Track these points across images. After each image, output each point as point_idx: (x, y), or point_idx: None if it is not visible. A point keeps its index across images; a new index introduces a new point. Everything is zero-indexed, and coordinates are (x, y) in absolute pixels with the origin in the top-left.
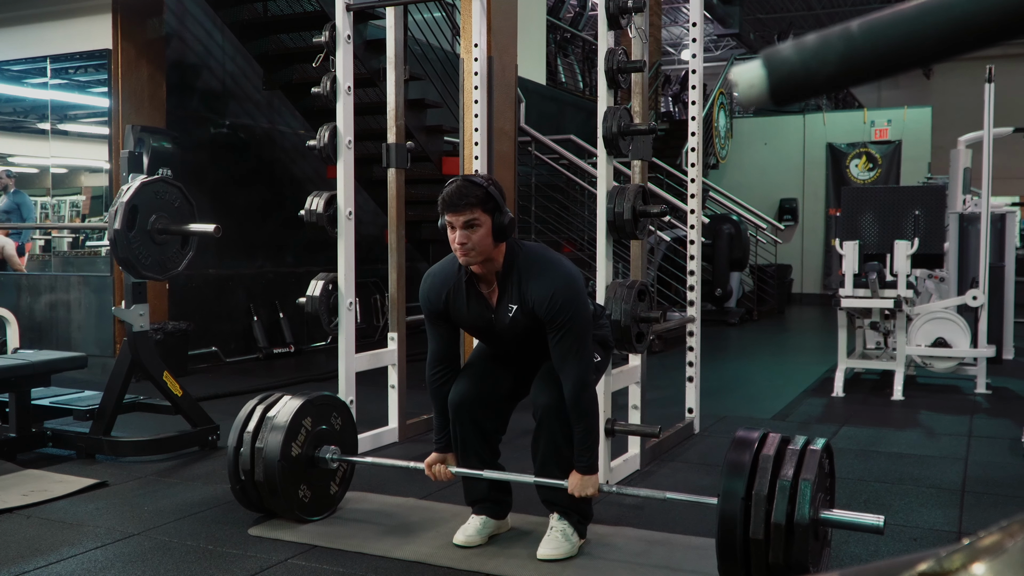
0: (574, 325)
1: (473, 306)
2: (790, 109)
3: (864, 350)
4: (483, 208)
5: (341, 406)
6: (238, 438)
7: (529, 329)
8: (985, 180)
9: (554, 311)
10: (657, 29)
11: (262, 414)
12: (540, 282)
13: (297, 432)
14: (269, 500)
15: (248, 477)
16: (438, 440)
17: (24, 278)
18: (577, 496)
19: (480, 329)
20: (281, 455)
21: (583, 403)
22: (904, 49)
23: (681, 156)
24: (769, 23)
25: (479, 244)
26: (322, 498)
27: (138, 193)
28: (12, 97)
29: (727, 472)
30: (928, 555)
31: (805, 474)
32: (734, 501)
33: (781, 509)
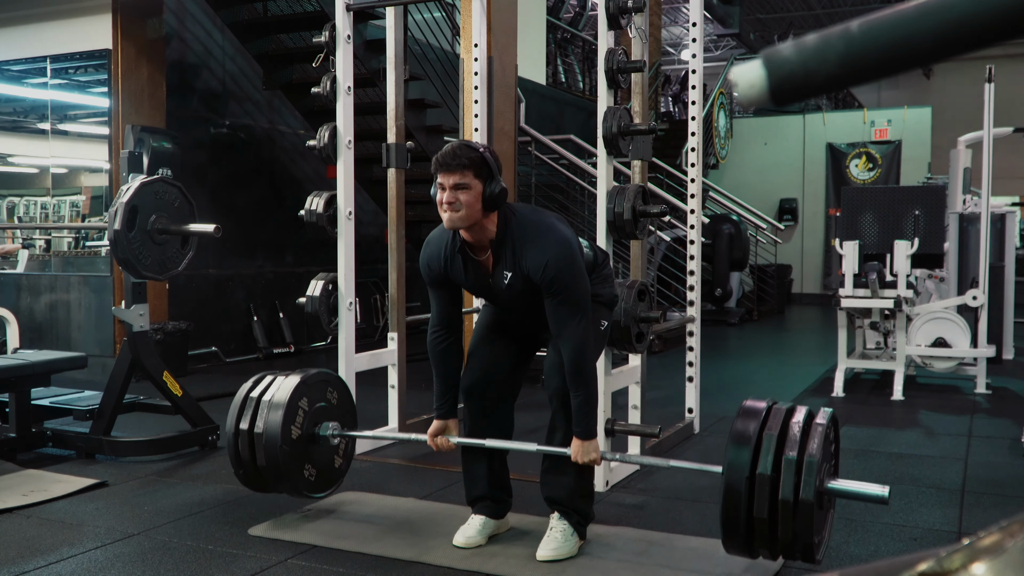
0: (569, 292)
1: (471, 273)
2: (790, 109)
3: (864, 350)
4: (475, 172)
5: (336, 380)
6: (235, 424)
7: (527, 292)
8: (985, 180)
9: (548, 279)
10: (657, 29)
11: (258, 398)
12: (533, 251)
13: (295, 414)
14: (275, 484)
15: (250, 462)
16: (439, 407)
17: (24, 278)
18: (581, 463)
19: (481, 291)
20: (282, 439)
21: (581, 370)
22: (904, 49)
23: (681, 156)
24: (769, 23)
25: (466, 207)
26: (328, 473)
27: (138, 193)
28: (12, 97)
29: (732, 443)
30: (928, 555)
31: (810, 448)
32: (739, 475)
33: (787, 487)
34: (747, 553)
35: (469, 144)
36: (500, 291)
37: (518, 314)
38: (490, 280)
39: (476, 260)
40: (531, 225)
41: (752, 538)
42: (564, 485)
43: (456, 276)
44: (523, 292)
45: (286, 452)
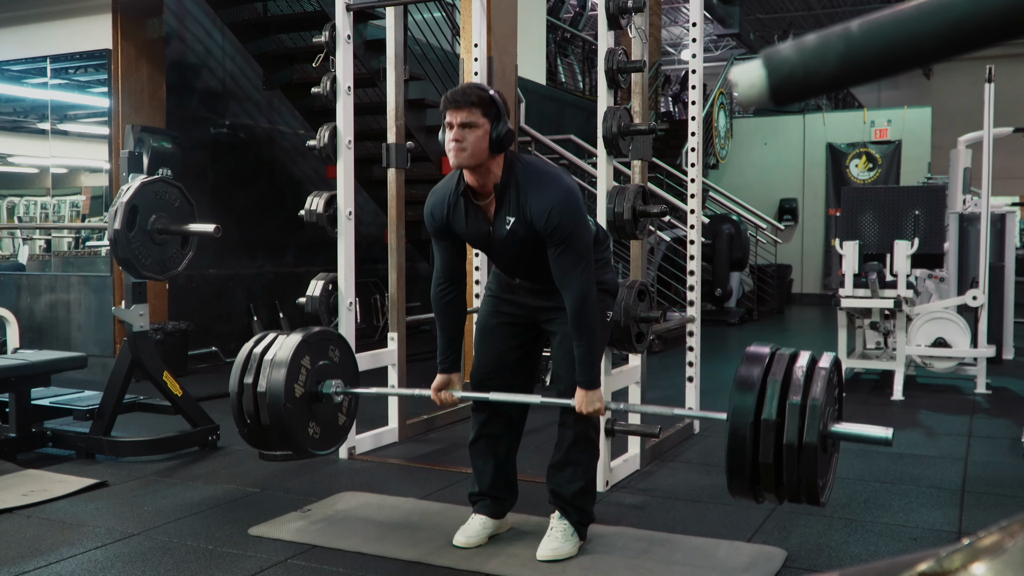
0: (573, 240)
1: (472, 220)
2: (790, 109)
3: (864, 350)
4: (484, 111)
5: (337, 339)
6: (239, 384)
7: (528, 242)
8: (985, 180)
9: (552, 226)
10: (657, 29)
11: (260, 356)
12: (538, 196)
13: (298, 372)
14: (279, 442)
15: (254, 421)
16: (442, 361)
17: (24, 278)
18: (585, 412)
19: (480, 243)
20: (285, 397)
21: (585, 317)
22: (904, 49)
23: (681, 156)
24: (769, 23)
25: (473, 146)
26: (331, 431)
27: (138, 193)
28: (12, 97)
29: (737, 389)
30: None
31: (814, 393)
32: (744, 421)
33: (792, 432)
34: (752, 497)
35: (479, 84)
36: (500, 240)
37: (517, 270)
38: (491, 228)
39: (478, 206)
40: (536, 172)
41: (757, 482)
42: (568, 481)
43: (457, 224)
44: (523, 242)
45: (290, 410)
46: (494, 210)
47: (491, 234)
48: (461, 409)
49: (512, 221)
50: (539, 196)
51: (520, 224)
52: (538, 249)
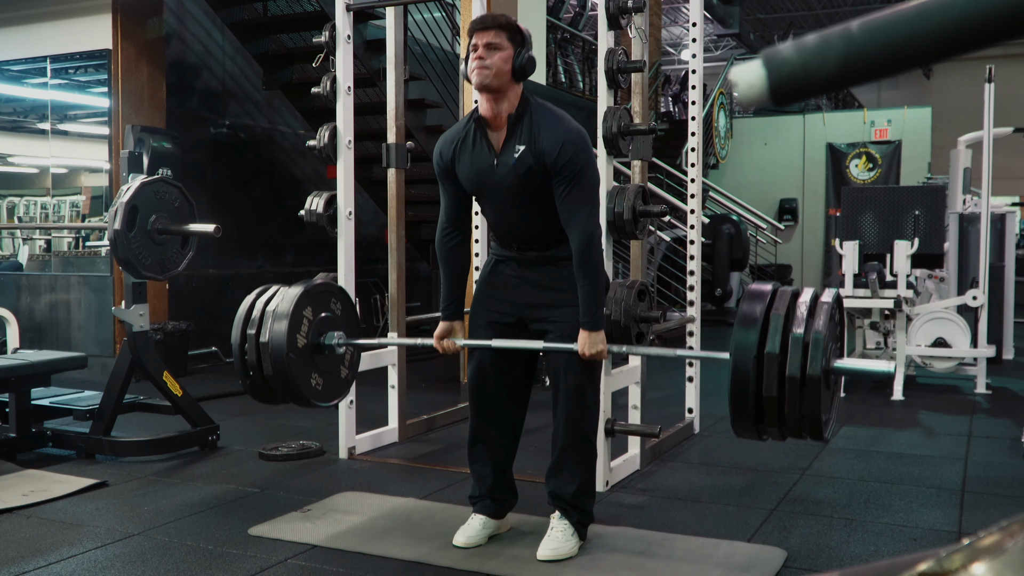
0: (583, 177)
1: (478, 152)
2: (790, 109)
3: (864, 350)
4: (509, 36)
5: (339, 291)
6: (241, 335)
7: (531, 178)
8: (985, 180)
9: (564, 160)
10: (657, 29)
11: (262, 308)
12: (551, 130)
13: (299, 323)
14: (282, 394)
15: (257, 372)
16: (445, 308)
17: (24, 278)
18: (587, 355)
19: (481, 177)
20: (288, 347)
21: (590, 257)
22: (904, 49)
23: (681, 156)
24: (769, 23)
25: (496, 67)
26: (334, 383)
27: (138, 193)
28: (12, 97)
29: (739, 326)
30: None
31: (817, 327)
32: (747, 357)
33: (794, 364)
34: (755, 434)
35: (507, 16)
36: (504, 174)
37: (512, 222)
38: (496, 161)
39: (487, 139)
40: (550, 110)
41: (761, 418)
42: (567, 482)
43: (462, 160)
44: (527, 176)
45: (292, 360)
46: (503, 141)
47: (494, 167)
48: (461, 409)
49: (521, 150)
50: (553, 129)
51: (529, 155)
52: (539, 194)
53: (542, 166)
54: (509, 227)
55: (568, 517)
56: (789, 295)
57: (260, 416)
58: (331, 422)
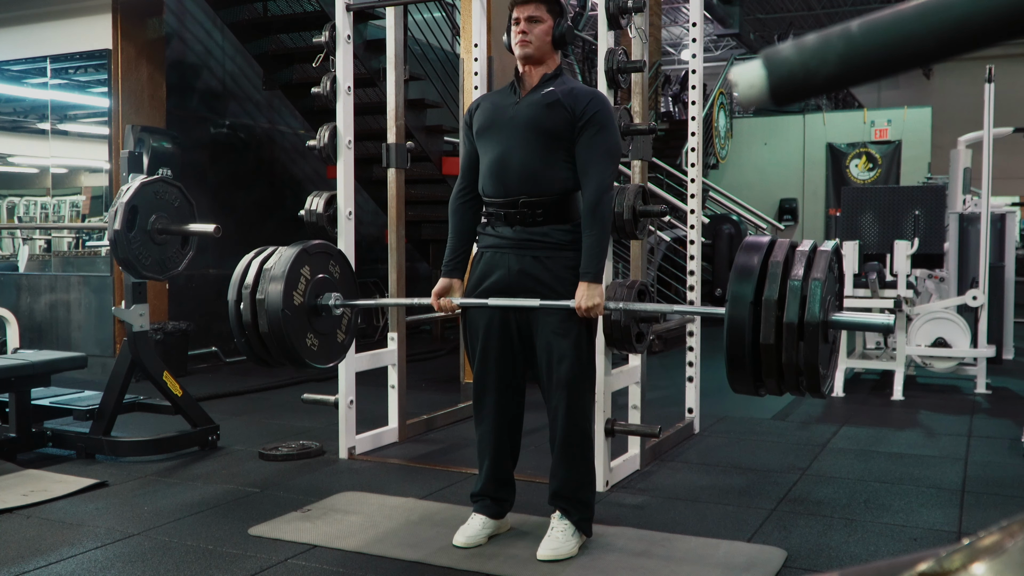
0: (608, 132)
1: (503, 96)
2: (790, 109)
3: (864, 350)
4: (548, 7)
5: (337, 254)
6: (237, 292)
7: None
8: (985, 180)
9: (594, 110)
10: (657, 29)
11: (259, 267)
12: (583, 90)
13: (297, 281)
14: (277, 352)
15: (252, 330)
16: (448, 262)
17: (24, 278)
18: (584, 308)
19: (496, 114)
20: (284, 304)
21: (600, 208)
22: (904, 49)
23: (681, 156)
24: (769, 23)
25: (538, 39)
26: (330, 345)
27: (138, 193)
28: (12, 97)
29: (735, 277)
30: (928, 555)
31: (815, 274)
32: (743, 306)
33: (792, 310)
34: (752, 388)
35: None
36: (522, 109)
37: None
38: (517, 101)
39: (517, 88)
40: (582, 82)
41: (758, 369)
42: (566, 475)
43: (483, 106)
44: (548, 109)
45: (288, 317)
46: (534, 87)
47: (516, 105)
48: (461, 409)
49: (548, 90)
50: (586, 90)
51: (558, 95)
52: (553, 130)
53: (570, 107)
54: (507, 167)
55: (568, 516)
56: (787, 245)
57: (260, 416)
58: (331, 422)
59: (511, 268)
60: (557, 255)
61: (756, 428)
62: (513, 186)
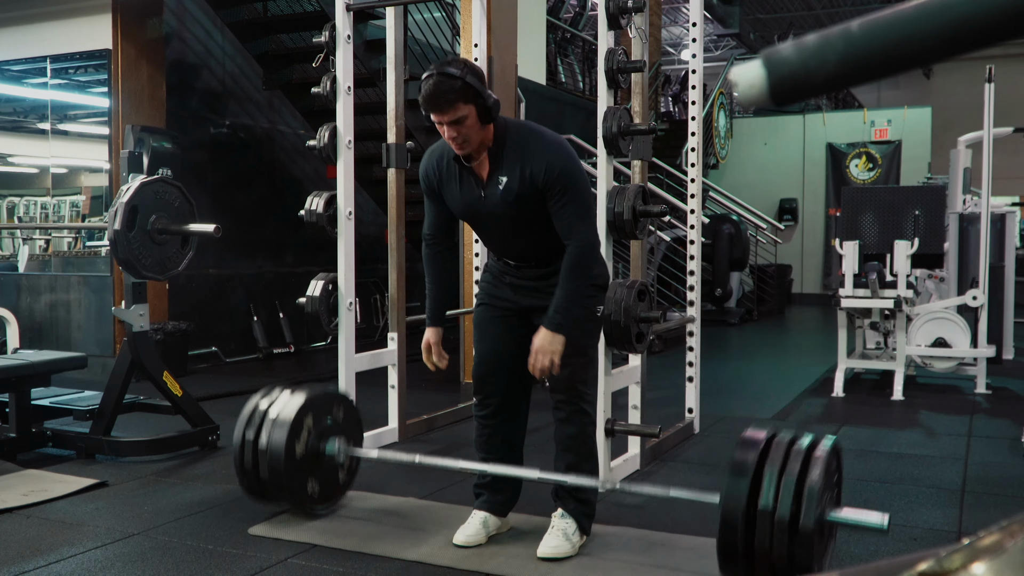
0: (576, 190)
1: (465, 185)
2: (790, 109)
3: (864, 350)
4: (464, 100)
5: (343, 399)
6: (242, 436)
7: (521, 204)
8: (985, 180)
9: (553, 178)
10: (657, 29)
11: (264, 412)
12: (534, 153)
13: (299, 431)
14: (276, 496)
15: (253, 473)
16: (431, 316)
17: (24, 278)
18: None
19: (470, 210)
20: (285, 455)
21: (583, 264)
22: (904, 49)
23: (681, 156)
24: (769, 23)
25: (470, 134)
26: (331, 488)
27: (138, 193)
28: (12, 97)
29: (732, 474)
30: (928, 555)
31: (811, 478)
32: (737, 505)
33: (784, 511)
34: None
35: (448, 74)
36: (493, 204)
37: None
38: (483, 192)
39: (470, 169)
40: (528, 130)
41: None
42: (568, 470)
43: (449, 192)
44: (516, 202)
45: (289, 468)
46: (488, 171)
47: (483, 199)
48: (461, 409)
49: (505, 181)
50: (537, 150)
51: (515, 182)
52: (530, 216)
53: (532, 191)
54: (505, 248)
55: (570, 514)
56: (785, 443)
57: None
58: None
59: (523, 284)
60: None
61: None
62: (518, 260)
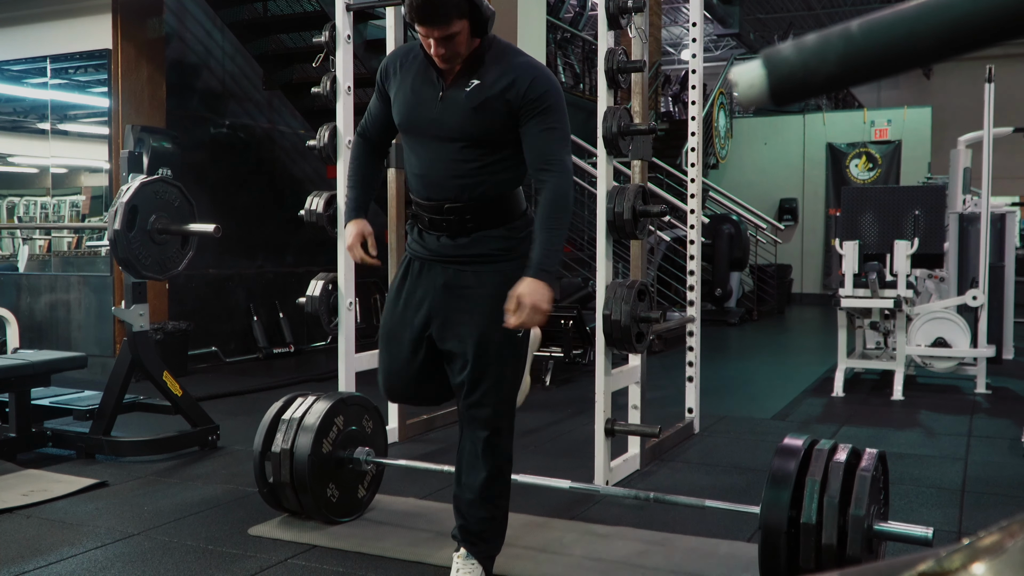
0: (560, 115)
1: (423, 79)
2: (790, 109)
3: (864, 350)
4: (460, 15)
5: (373, 409)
6: (264, 438)
7: (480, 115)
8: (985, 180)
9: (537, 95)
10: (657, 29)
11: (292, 413)
12: (521, 68)
13: (329, 429)
14: (295, 498)
15: (276, 476)
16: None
17: (24, 278)
18: (526, 303)
19: (419, 106)
20: (312, 451)
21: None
22: (904, 49)
23: (681, 156)
24: (769, 23)
25: (459, 50)
26: (350, 501)
27: (138, 193)
28: (12, 97)
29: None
30: (928, 555)
31: (857, 498)
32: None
33: (835, 533)
34: None
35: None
36: (448, 108)
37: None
38: (442, 92)
39: (438, 70)
40: (515, 48)
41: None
42: (478, 515)
43: (402, 87)
44: (479, 110)
45: (313, 464)
46: (458, 73)
47: (439, 99)
48: None
49: (475, 84)
50: (524, 64)
51: (488, 89)
52: (486, 135)
53: (503, 104)
54: (439, 179)
55: (474, 552)
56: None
57: (260, 416)
58: None
59: (435, 285)
60: (489, 269)
61: (756, 428)
62: (439, 192)
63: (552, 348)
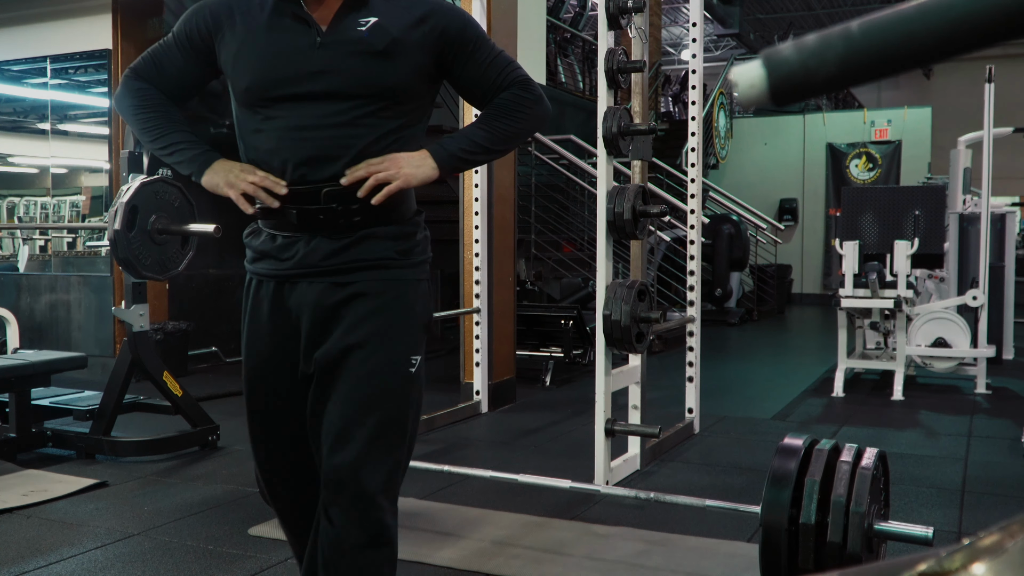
0: (484, 37)
1: (279, 26)
2: (790, 109)
3: (864, 350)
4: None
5: None
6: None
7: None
8: (985, 180)
9: (455, 27)
10: (657, 29)
11: None
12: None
13: None
14: None
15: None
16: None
17: (24, 278)
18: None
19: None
20: None
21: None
22: (904, 49)
23: (681, 156)
24: (769, 23)
25: None
26: None
27: (138, 193)
28: (12, 97)
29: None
30: (928, 555)
31: (858, 497)
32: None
33: (836, 532)
34: None
35: None
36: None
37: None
38: (319, 38)
39: (299, 13)
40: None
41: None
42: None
43: (243, 41)
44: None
45: None
46: (336, 11)
47: (316, 46)
48: (461, 409)
49: (373, 21)
50: None
51: (395, 27)
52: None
53: (414, 43)
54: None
55: None
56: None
57: None
58: None
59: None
60: (380, 278)
61: (756, 428)
62: (315, 173)
63: (552, 348)
